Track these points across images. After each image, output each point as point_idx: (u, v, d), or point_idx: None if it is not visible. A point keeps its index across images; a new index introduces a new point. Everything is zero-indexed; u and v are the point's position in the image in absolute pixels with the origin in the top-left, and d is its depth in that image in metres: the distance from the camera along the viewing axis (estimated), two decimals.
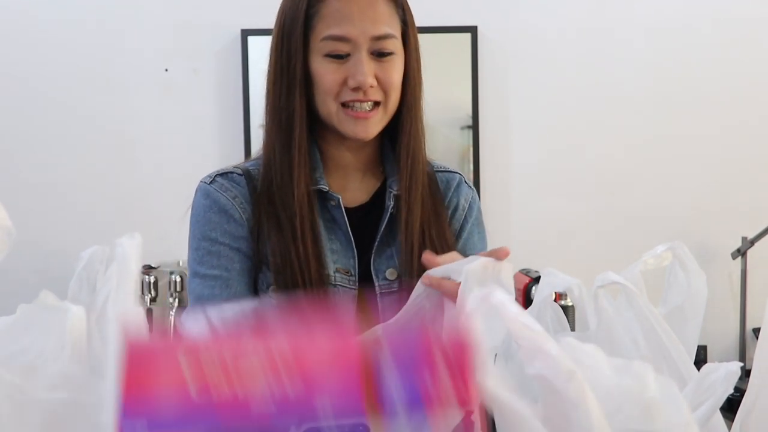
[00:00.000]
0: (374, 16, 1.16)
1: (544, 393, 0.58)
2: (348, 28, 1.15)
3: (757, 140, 2.87)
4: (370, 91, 1.16)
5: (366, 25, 1.15)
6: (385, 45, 1.17)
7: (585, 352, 0.58)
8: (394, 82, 1.18)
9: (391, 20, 1.18)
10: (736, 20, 2.85)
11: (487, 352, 0.58)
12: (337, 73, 1.16)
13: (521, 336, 0.58)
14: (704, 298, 0.98)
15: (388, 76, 1.17)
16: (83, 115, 2.81)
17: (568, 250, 2.84)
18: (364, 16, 1.16)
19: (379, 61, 1.17)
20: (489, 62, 2.82)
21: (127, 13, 2.81)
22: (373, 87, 1.16)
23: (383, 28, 1.17)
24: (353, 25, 1.15)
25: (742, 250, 2.67)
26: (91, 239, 0.95)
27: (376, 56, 1.17)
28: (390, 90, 1.18)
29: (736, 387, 0.70)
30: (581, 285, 0.98)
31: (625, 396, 0.56)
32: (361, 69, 1.14)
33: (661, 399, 0.57)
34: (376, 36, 1.16)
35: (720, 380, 0.68)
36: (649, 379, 0.57)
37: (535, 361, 0.57)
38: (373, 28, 1.16)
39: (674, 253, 0.97)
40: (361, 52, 1.15)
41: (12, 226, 0.56)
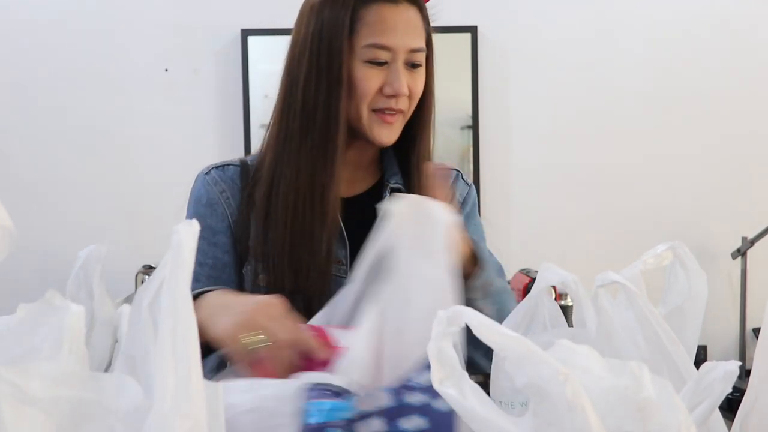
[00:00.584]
0: (413, 29, 1.23)
1: (536, 401, 0.57)
2: (391, 38, 1.20)
3: (757, 140, 2.88)
4: (401, 99, 1.22)
5: (407, 37, 1.21)
6: (418, 57, 1.23)
7: (579, 353, 0.57)
8: (420, 92, 1.25)
9: (423, 34, 1.25)
10: (736, 21, 2.86)
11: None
12: (375, 79, 1.20)
13: (505, 347, 0.57)
14: (704, 299, 0.98)
15: (417, 87, 1.23)
16: (83, 115, 2.81)
17: (567, 249, 2.85)
18: (405, 28, 1.22)
19: (411, 72, 1.23)
20: (489, 62, 2.83)
21: (128, 13, 2.81)
22: (404, 96, 1.22)
23: (419, 42, 1.23)
24: (396, 36, 1.20)
25: (742, 250, 2.67)
26: (91, 239, 0.95)
27: (409, 67, 1.23)
28: (415, 99, 1.24)
29: (736, 387, 0.69)
30: (578, 281, 0.98)
31: (620, 396, 0.56)
32: (399, 78, 1.20)
33: (657, 399, 0.56)
34: (413, 48, 1.22)
35: (718, 380, 0.67)
36: (644, 380, 0.56)
37: (525, 369, 0.56)
38: (412, 40, 1.22)
39: (674, 252, 0.97)
40: (399, 62, 1.21)
41: (13, 227, 0.56)
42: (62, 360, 0.58)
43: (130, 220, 2.81)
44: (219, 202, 1.25)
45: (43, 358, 0.59)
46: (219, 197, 1.25)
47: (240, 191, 1.26)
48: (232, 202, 1.25)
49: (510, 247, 2.80)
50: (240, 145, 2.80)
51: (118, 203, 2.82)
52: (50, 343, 0.59)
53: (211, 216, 1.24)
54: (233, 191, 1.26)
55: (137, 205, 2.83)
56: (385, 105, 1.21)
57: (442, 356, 0.59)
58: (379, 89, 1.20)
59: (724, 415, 0.82)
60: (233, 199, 1.25)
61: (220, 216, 1.25)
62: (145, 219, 2.82)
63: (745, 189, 2.86)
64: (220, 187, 1.26)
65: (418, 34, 1.23)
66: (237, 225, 1.25)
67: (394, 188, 1.28)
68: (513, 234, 2.82)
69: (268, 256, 1.22)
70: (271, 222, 1.22)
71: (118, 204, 2.82)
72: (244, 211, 1.25)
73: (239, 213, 1.24)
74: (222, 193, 1.25)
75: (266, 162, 1.25)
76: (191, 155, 2.81)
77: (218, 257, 1.24)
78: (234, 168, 1.28)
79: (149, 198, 2.83)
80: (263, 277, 1.23)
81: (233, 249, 1.25)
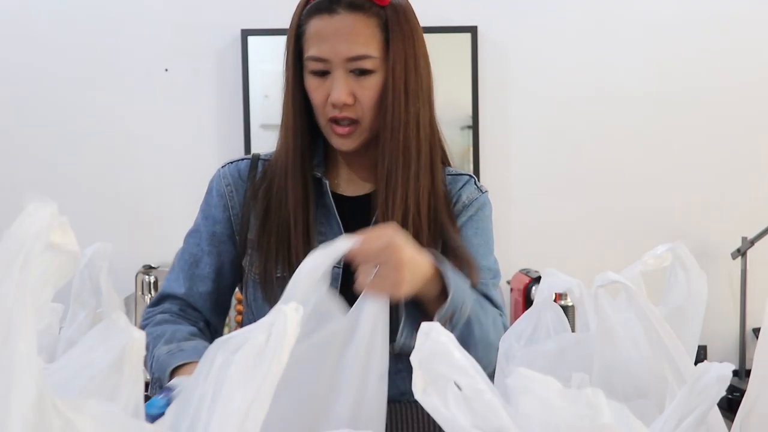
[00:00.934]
0: (351, 37, 1.21)
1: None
2: (324, 49, 1.21)
3: (757, 140, 2.88)
4: (345, 108, 1.22)
5: (342, 46, 1.20)
6: (361, 65, 1.21)
7: (536, 381, 0.57)
8: (372, 101, 1.23)
9: (370, 40, 1.21)
10: (736, 20, 2.85)
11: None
12: (321, 89, 1.23)
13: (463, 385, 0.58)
14: (705, 299, 0.98)
15: (366, 95, 1.22)
16: (83, 115, 2.81)
17: (568, 250, 2.85)
18: (341, 37, 1.20)
19: (359, 79, 1.22)
20: (489, 62, 2.83)
21: (128, 13, 2.81)
22: (349, 105, 1.22)
23: (358, 49, 1.21)
24: (329, 45, 1.20)
25: (742, 250, 2.67)
26: (91, 239, 0.95)
27: (357, 74, 1.22)
28: (367, 108, 1.23)
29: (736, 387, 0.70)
30: (582, 285, 0.98)
31: (578, 425, 0.56)
32: (337, 87, 1.21)
33: (616, 424, 0.56)
34: (350, 57, 1.21)
35: (713, 383, 0.67)
36: (601, 406, 0.56)
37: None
38: (347, 48, 1.20)
39: (675, 253, 0.97)
40: (338, 71, 1.21)
41: (79, 251, 0.57)
42: (119, 390, 0.60)
43: (130, 220, 2.81)
44: (224, 195, 1.33)
45: (101, 380, 0.61)
46: (224, 190, 1.33)
47: (245, 185, 1.33)
48: (235, 195, 1.32)
49: (510, 247, 2.80)
50: (240, 145, 2.80)
51: (118, 203, 2.82)
52: (109, 363, 0.61)
53: (215, 207, 1.33)
54: (237, 185, 1.33)
55: (137, 205, 2.83)
56: (332, 114, 1.23)
57: (425, 365, 0.59)
58: (326, 99, 1.23)
59: (724, 415, 0.82)
60: (236, 193, 1.32)
61: (221, 208, 1.33)
62: (145, 219, 2.82)
63: (745, 189, 2.86)
64: (227, 180, 1.34)
65: (358, 41, 1.21)
66: (237, 218, 1.32)
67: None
68: (513, 234, 2.82)
69: (262, 244, 1.27)
70: (268, 213, 1.28)
71: (118, 204, 2.82)
72: (246, 204, 1.31)
73: (240, 207, 1.31)
74: (227, 187, 1.33)
75: (272, 159, 1.33)
76: (191, 155, 2.81)
77: (215, 245, 1.33)
78: (245, 163, 1.35)
79: (149, 198, 2.83)
80: (257, 264, 1.28)
81: (230, 240, 1.33)
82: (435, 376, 0.59)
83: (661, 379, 0.87)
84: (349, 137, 1.24)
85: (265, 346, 0.58)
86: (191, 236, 1.35)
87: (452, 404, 0.58)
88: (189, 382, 0.62)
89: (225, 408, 0.56)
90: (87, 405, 0.54)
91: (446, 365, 0.59)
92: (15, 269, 0.52)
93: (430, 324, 0.61)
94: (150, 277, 2.53)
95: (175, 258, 1.37)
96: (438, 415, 0.58)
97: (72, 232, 0.56)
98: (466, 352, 0.60)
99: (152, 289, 2.51)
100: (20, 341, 0.51)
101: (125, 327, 0.62)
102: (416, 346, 0.60)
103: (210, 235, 1.33)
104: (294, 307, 0.60)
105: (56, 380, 0.64)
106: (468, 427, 0.57)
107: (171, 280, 1.34)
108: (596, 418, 0.56)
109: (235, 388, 0.57)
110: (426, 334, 0.60)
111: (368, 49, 1.21)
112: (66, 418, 0.53)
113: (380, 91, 1.23)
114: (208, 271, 1.32)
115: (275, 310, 0.59)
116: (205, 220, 1.34)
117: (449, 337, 0.60)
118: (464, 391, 0.58)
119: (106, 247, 0.91)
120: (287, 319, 0.59)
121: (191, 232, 1.35)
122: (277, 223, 1.27)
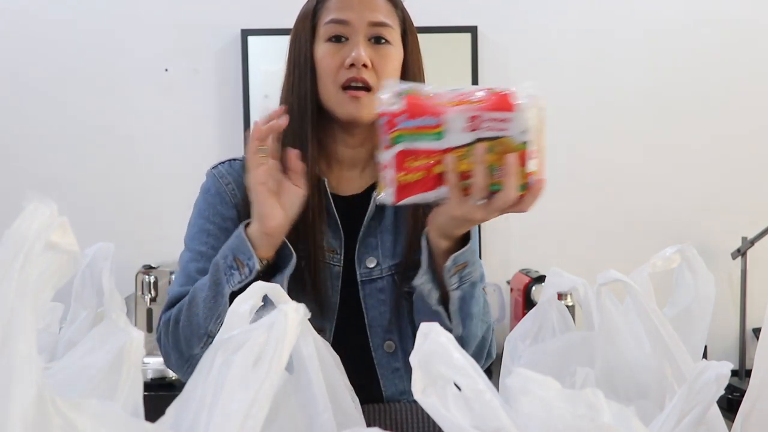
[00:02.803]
0: (374, 5, 1.27)
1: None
2: (348, 13, 1.25)
3: (757, 140, 2.87)
4: (364, 70, 1.24)
5: (364, 11, 1.26)
6: (381, 32, 1.26)
7: (536, 382, 0.57)
8: (388, 70, 1.26)
9: (390, 14, 1.28)
10: (736, 21, 2.85)
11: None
12: (337, 55, 1.25)
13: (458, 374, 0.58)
14: (712, 301, 0.98)
15: (383, 62, 1.25)
16: (83, 115, 2.81)
17: (568, 250, 2.84)
18: (363, 5, 1.26)
19: (376, 47, 1.26)
20: (489, 62, 2.82)
21: (128, 13, 2.81)
22: (368, 67, 1.24)
23: (380, 16, 1.26)
24: (353, 10, 1.25)
25: (742, 250, 2.67)
26: (91, 239, 0.95)
27: (373, 43, 1.26)
28: (383, 76, 1.25)
29: (736, 387, 0.70)
30: (587, 285, 0.98)
31: (578, 424, 0.56)
32: (358, 49, 1.23)
33: (615, 425, 0.56)
34: (373, 22, 1.25)
35: (711, 382, 0.67)
36: (601, 406, 0.56)
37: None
38: (371, 14, 1.26)
39: (683, 255, 0.97)
40: (359, 36, 1.25)
41: (79, 251, 0.56)
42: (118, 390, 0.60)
43: (130, 220, 2.81)
44: (226, 193, 1.30)
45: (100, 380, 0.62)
46: (225, 189, 1.30)
47: (244, 184, 1.28)
48: (237, 193, 1.30)
49: (510, 247, 2.80)
50: (240, 144, 2.79)
51: (118, 203, 2.82)
52: (108, 363, 0.62)
53: (221, 204, 1.30)
54: (238, 183, 1.30)
55: (137, 205, 2.83)
56: (347, 77, 1.24)
57: (424, 366, 0.59)
58: (341, 64, 1.24)
59: (725, 415, 0.82)
60: (239, 191, 1.30)
61: (228, 205, 1.30)
62: (145, 219, 2.82)
63: (745, 189, 2.86)
64: (226, 179, 1.31)
65: (380, 10, 1.26)
66: (242, 217, 1.28)
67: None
68: (513, 234, 2.82)
69: None
70: None
71: (118, 204, 2.82)
72: (246, 204, 1.27)
73: (244, 204, 1.27)
74: (228, 185, 1.31)
75: None
76: (191, 155, 2.81)
77: (221, 247, 1.25)
78: (240, 162, 1.33)
79: (149, 198, 2.83)
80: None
81: None
82: (434, 377, 0.59)
83: (663, 379, 0.87)
84: (362, 101, 1.24)
85: (265, 345, 0.58)
86: (196, 238, 1.30)
87: (451, 404, 0.58)
88: (190, 382, 0.62)
89: (225, 408, 0.56)
90: (87, 404, 0.54)
91: (445, 365, 0.59)
92: (15, 269, 0.52)
93: (429, 324, 0.61)
94: (150, 277, 2.53)
95: (181, 263, 1.32)
96: (437, 415, 0.58)
97: (72, 232, 0.56)
98: (466, 353, 0.60)
99: (152, 289, 2.51)
100: (20, 341, 0.51)
101: (125, 327, 0.62)
102: (415, 346, 0.60)
103: (221, 233, 1.28)
104: (294, 307, 0.60)
105: (56, 381, 0.64)
106: (467, 427, 0.57)
107: (182, 284, 1.28)
108: (596, 418, 0.56)
109: (235, 388, 0.57)
110: (425, 334, 0.60)
111: (390, 20, 1.27)
112: (66, 417, 0.53)
113: (397, 65, 1.28)
114: None
115: (276, 310, 0.59)
116: (211, 219, 1.30)
117: (448, 338, 0.60)
118: (463, 392, 0.58)
119: (108, 247, 0.91)
120: (287, 319, 0.59)
121: (194, 234, 1.30)
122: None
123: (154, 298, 2.53)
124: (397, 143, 1.08)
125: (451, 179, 1.06)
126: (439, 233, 1.16)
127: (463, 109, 1.04)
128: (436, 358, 0.59)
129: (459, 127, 1.04)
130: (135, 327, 0.63)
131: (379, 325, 1.29)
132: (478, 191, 1.07)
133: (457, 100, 1.05)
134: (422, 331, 0.60)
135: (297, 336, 0.59)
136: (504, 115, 1.02)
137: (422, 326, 0.61)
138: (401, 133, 1.07)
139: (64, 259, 0.55)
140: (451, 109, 1.04)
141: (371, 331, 1.29)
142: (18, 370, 0.50)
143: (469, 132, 1.04)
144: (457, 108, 1.04)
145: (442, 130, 1.05)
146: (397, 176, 1.08)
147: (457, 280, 1.18)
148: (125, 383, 0.61)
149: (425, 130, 1.06)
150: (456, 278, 1.18)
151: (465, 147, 1.05)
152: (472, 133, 1.04)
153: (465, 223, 1.13)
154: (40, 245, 0.53)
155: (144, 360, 2.21)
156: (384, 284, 1.29)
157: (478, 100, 1.04)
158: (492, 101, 1.03)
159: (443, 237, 1.16)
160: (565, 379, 0.88)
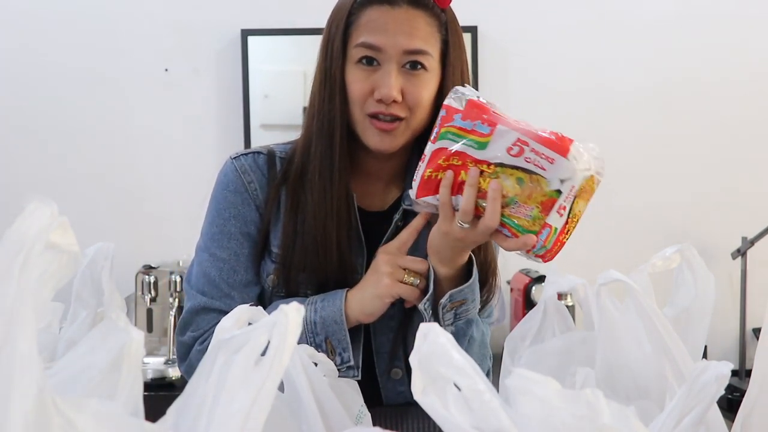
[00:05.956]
0: (410, 30, 1.15)
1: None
2: (381, 38, 1.15)
3: (757, 140, 2.87)
4: (394, 105, 1.15)
5: (399, 37, 1.14)
6: (418, 59, 1.16)
7: (536, 382, 0.57)
8: (421, 100, 1.16)
9: (429, 38, 1.17)
10: (736, 20, 2.85)
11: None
12: (366, 81, 1.16)
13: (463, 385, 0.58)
14: (712, 301, 0.98)
15: (416, 92, 1.16)
16: (83, 114, 2.81)
17: (567, 249, 2.84)
18: (399, 28, 1.15)
19: (410, 74, 1.16)
20: (489, 62, 2.82)
21: (128, 13, 2.81)
22: (398, 102, 1.15)
23: (417, 43, 1.15)
24: (387, 35, 1.14)
25: (742, 250, 2.67)
26: (91, 239, 0.95)
27: (407, 69, 1.16)
28: (415, 107, 1.16)
29: (736, 387, 0.69)
30: (587, 285, 0.98)
31: (578, 425, 0.56)
32: (387, 81, 1.14)
33: (615, 425, 0.56)
34: (408, 50, 1.15)
35: (711, 382, 0.67)
36: (601, 407, 0.56)
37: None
38: (406, 41, 1.15)
39: (683, 255, 0.97)
40: (391, 63, 1.15)
41: (80, 251, 0.56)
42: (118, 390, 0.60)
43: (130, 220, 2.81)
44: (247, 192, 1.23)
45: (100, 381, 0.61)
46: (247, 187, 1.23)
47: (267, 184, 1.24)
48: (260, 194, 1.23)
49: None
50: (240, 145, 2.79)
51: (118, 203, 2.82)
52: (108, 363, 0.62)
53: (243, 204, 1.23)
54: (261, 183, 1.24)
55: (137, 205, 2.83)
56: (375, 109, 1.16)
57: (424, 366, 0.59)
58: (371, 92, 1.16)
59: (725, 415, 0.82)
60: (261, 191, 1.23)
61: (250, 206, 1.23)
62: (145, 219, 2.82)
63: (745, 189, 2.86)
64: (248, 176, 1.24)
65: (418, 36, 1.15)
66: (264, 219, 1.23)
67: (407, 209, 1.24)
68: None
69: (289, 261, 1.21)
70: (296, 228, 1.21)
71: (118, 204, 2.82)
72: (271, 207, 1.23)
73: (266, 205, 1.23)
74: (250, 184, 1.23)
75: (295, 160, 1.24)
76: (191, 155, 2.81)
77: (252, 248, 1.23)
78: (262, 158, 1.25)
79: (149, 198, 2.83)
80: (272, 278, 1.23)
81: (262, 242, 1.24)
82: (434, 377, 0.59)
83: (663, 379, 0.87)
84: (391, 134, 1.16)
85: (266, 346, 0.58)
86: (216, 240, 1.23)
87: (451, 405, 0.58)
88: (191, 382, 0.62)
89: (226, 408, 0.56)
90: (87, 404, 0.55)
91: (445, 366, 0.59)
92: (15, 269, 0.52)
93: (429, 325, 0.61)
94: (150, 277, 2.52)
95: (200, 263, 1.24)
96: (437, 415, 0.58)
97: (72, 232, 0.56)
98: (465, 353, 0.60)
99: (152, 289, 2.51)
100: (20, 341, 0.51)
101: (125, 327, 0.62)
102: (415, 347, 0.60)
103: (244, 238, 1.22)
104: (296, 308, 0.60)
105: (56, 381, 0.64)
106: (467, 427, 0.57)
107: (204, 292, 1.22)
108: (596, 418, 0.56)
109: (236, 388, 0.57)
110: (424, 335, 0.60)
111: (427, 45, 1.16)
112: (66, 416, 0.53)
113: (432, 91, 1.18)
114: (252, 276, 1.23)
115: (277, 310, 0.59)
116: (233, 221, 1.23)
117: (448, 338, 0.60)
118: (463, 392, 0.58)
119: (109, 246, 0.91)
120: (289, 320, 0.59)
121: (215, 235, 1.23)
122: (308, 241, 1.20)
123: (154, 298, 2.53)
124: (441, 139, 1.05)
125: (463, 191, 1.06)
126: (437, 257, 1.13)
127: (517, 128, 1.01)
128: (435, 359, 0.59)
129: (503, 145, 1.01)
130: (135, 327, 0.63)
131: (385, 351, 1.26)
132: (462, 212, 1.05)
133: (517, 124, 1.02)
134: (422, 331, 0.60)
135: (298, 336, 0.59)
136: (551, 154, 1.00)
137: (422, 326, 0.61)
138: (450, 130, 1.04)
139: (64, 259, 0.55)
140: (506, 125, 1.02)
141: (378, 357, 1.26)
142: (18, 370, 0.50)
143: (510, 154, 1.01)
144: (512, 126, 1.01)
145: (488, 141, 1.02)
146: (425, 171, 1.07)
147: (451, 317, 1.16)
148: (125, 383, 0.61)
149: (472, 135, 1.03)
150: (451, 315, 1.16)
151: (498, 167, 1.02)
152: (512, 157, 1.01)
153: (456, 242, 1.09)
154: (40, 245, 0.53)
155: (144, 360, 2.21)
156: (394, 311, 1.22)
157: (536, 130, 1.01)
158: (547, 138, 1.00)
159: (441, 262, 1.13)
160: (565, 379, 0.88)
